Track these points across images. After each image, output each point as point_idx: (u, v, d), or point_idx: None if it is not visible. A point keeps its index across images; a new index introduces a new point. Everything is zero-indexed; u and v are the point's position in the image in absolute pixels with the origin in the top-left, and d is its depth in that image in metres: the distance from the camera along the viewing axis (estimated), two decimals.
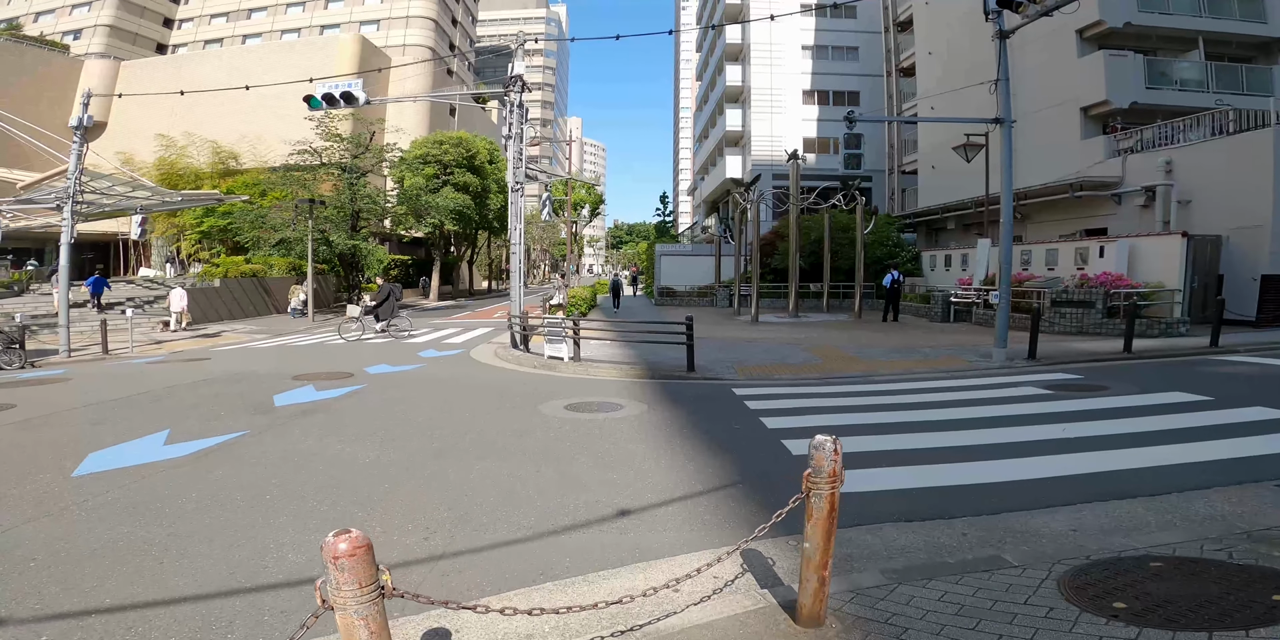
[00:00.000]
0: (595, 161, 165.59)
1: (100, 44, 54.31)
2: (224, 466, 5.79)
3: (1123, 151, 20.20)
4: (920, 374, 10.50)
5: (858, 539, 4.02)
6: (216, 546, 4.11)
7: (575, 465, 5.72)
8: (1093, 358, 11.51)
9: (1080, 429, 6.61)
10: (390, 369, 11.81)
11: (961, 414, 7.48)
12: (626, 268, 75.99)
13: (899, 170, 36.58)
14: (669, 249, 34.42)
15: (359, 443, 6.54)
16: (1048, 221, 23.23)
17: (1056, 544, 3.87)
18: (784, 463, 5.68)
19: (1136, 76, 20.80)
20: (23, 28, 51.60)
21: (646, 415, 7.70)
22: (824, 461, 2.70)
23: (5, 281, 26.31)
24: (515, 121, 13.70)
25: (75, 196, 14.44)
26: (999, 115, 11.38)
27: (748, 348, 13.88)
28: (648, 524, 4.41)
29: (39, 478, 5.52)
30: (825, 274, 24.62)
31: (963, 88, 20.28)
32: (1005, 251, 11.63)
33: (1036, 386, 9.11)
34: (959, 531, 4.15)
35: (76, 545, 4.13)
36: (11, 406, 8.72)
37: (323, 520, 4.51)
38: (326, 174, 28.07)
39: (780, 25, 37.63)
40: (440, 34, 60.38)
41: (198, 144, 36.15)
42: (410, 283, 42.05)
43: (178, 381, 10.61)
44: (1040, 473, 5.29)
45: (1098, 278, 15.15)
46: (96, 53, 52.38)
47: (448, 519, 4.52)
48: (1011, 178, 11.50)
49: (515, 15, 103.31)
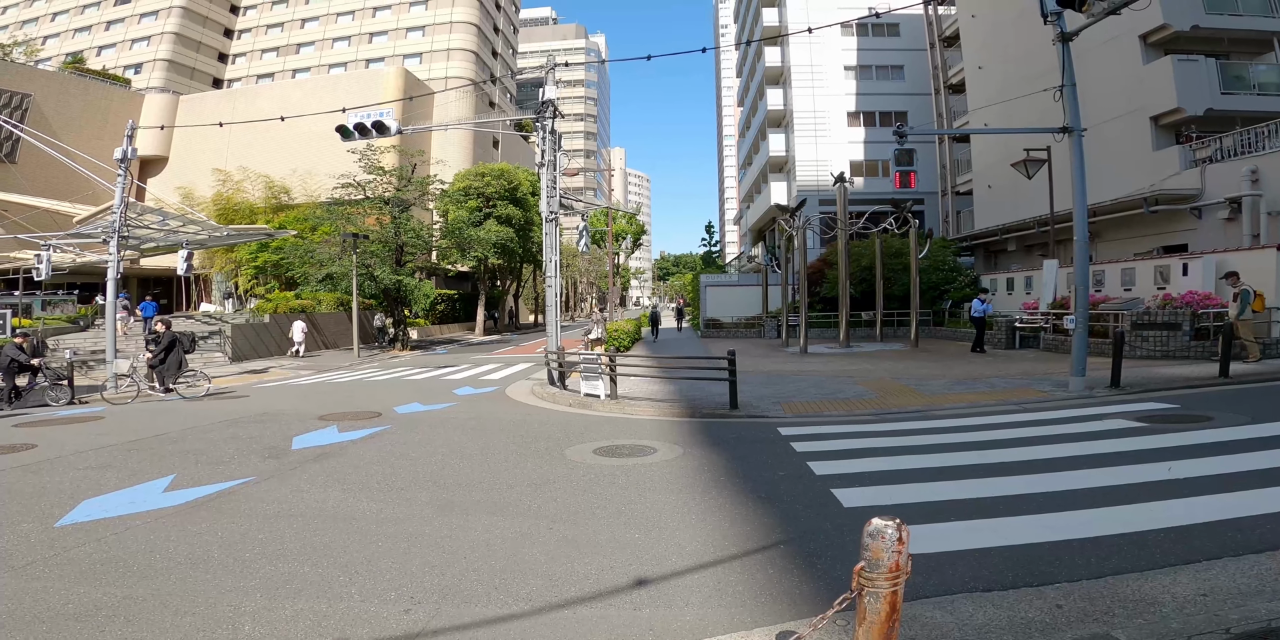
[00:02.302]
0: (639, 192, 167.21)
1: (160, 78, 57.40)
2: (213, 519, 5.30)
3: (1200, 161, 18.80)
4: (988, 408, 9.49)
5: (924, 616, 3.24)
6: (168, 613, 3.59)
7: (593, 522, 5.03)
8: (1185, 384, 10.33)
9: (1188, 467, 5.65)
10: (420, 408, 11.38)
11: (1041, 453, 6.53)
12: (673, 300, 75.59)
13: (953, 191, 35.33)
14: (714, 280, 33.81)
15: (363, 493, 5.99)
16: (1119, 240, 21.78)
17: (1184, 615, 3.06)
18: (833, 518, 4.89)
19: (1210, 82, 19.53)
20: (86, 62, 54.08)
21: (680, 461, 6.97)
22: (883, 553, 1.99)
23: (72, 316, 27.22)
24: (548, 149, 13.38)
25: (120, 230, 14.60)
26: (1067, 124, 10.47)
27: (795, 381, 13.02)
28: (667, 597, 3.69)
29: (19, 527, 5.14)
30: (878, 301, 23.53)
31: (1022, 96, 19.28)
32: (1081, 270, 10.60)
33: (1126, 418, 8.04)
34: (1052, 602, 3.35)
35: (23, 607, 3.70)
36: (32, 446, 8.54)
37: (300, 585, 3.95)
38: (371, 207, 28.42)
39: (821, 46, 37.16)
40: (480, 65, 62.44)
41: (252, 179, 37.45)
42: (457, 317, 42.35)
43: (204, 422, 10.36)
44: (1147, 523, 4.38)
45: (1183, 297, 13.87)
46: (157, 87, 55.28)
47: (437, 587, 3.88)
48: (1085, 191, 10.53)
49: (555, 47, 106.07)
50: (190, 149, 46.46)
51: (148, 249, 22.85)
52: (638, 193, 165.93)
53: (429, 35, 60.97)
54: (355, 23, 62.76)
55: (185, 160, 46.61)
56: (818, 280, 26.92)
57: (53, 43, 60.42)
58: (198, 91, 56.62)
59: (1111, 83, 21.11)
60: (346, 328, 27.34)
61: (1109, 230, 22.00)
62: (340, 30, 62.84)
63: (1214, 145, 18.67)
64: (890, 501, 5.18)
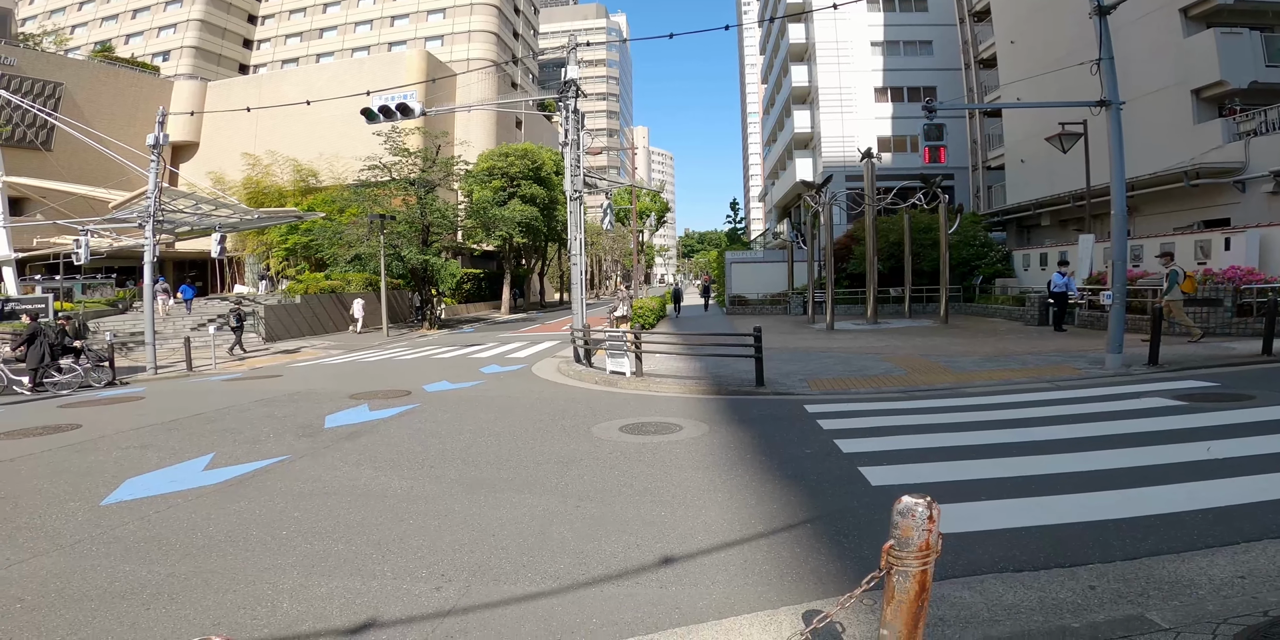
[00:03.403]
0: (663, 170, 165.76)
1: (188, 65, 57.95)
2: (250, 497, 5.44)
3: (1244, 134, 18.06)
4: (1021, 385, 9.31)
5: (952, 596, 3.22)
6: (210, 591, 3.71)
7: (620, 500, 5.06)
8: (1226, 362, 10.03)
9: (1229, 447, 5.50)
10: (449, 386, 11.52)
11: (1076, 432, 6.40)
12: (699, 277, 75.14)
13: (983, 166, 34.43)
14: (739, 256, 33.50)
15: (394, 471, 6.10)
16: (1158, 214, 21.10)
17: (1220, 597, 3.01)
18: (861, 496, 4.86)
19: (1254, 54, 18.78)
20: (115, 50, 54.69)
21: (707, 438, 6.97)
22: (912, 531, 1.96)
23: (111, 299, 27.94)
24: (571, 128, 13.28)
25: (155, 215, 14.87)
26: (1104, 97, 10.09)
27: (822, 358, 12.91)
28: (694, 576, 3.70)
29: (66, 506, 5.33)
30: (906, 277, 23.13)
31: (1056, 70, 18.64)
32: (1119, 245, 10.29)
33: (1165, 397, 7.85)
34: (1085, 583, 3.30)
35: (71, 585, 3.84)
36: (77, 426, 8.83)
37: (335, 563, 4.04)
38: (397, 189, 28.61)
39: (846, 22, 36.21)
40: (502, 47, 62.16)
41: (280, 163, 37.86)
42: (483, 296, 42.63)
43: (240, 401, 10.60)
44: (1184, 504, 4.29)
45: (1225, 272, 13.43)
46: (185, 74, 55.90)
47: (467, 564, 3.95)
48: (1123, 165, 10.18)
49: (576, 27, 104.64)
50: (220, 134, 46.99)
51: (182, 233, 23.28)
52: (661, 171, 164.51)
53: (450, 17, 60.77)
54: (376, 6, 62.64)
55: (215, 145, 47.19)
56: (844, 256, 26.53)
57: (80, 32, 61.04)
58: (225, 78, 57.07)
59: (1150, 56, 20.35)
60: (376, 307, 27.69)
61: (1147, 204, 21.32)
62: (362, 14, 62.78)
63: (1259, 118, 17.91)
64: (919, 480, 5.12)
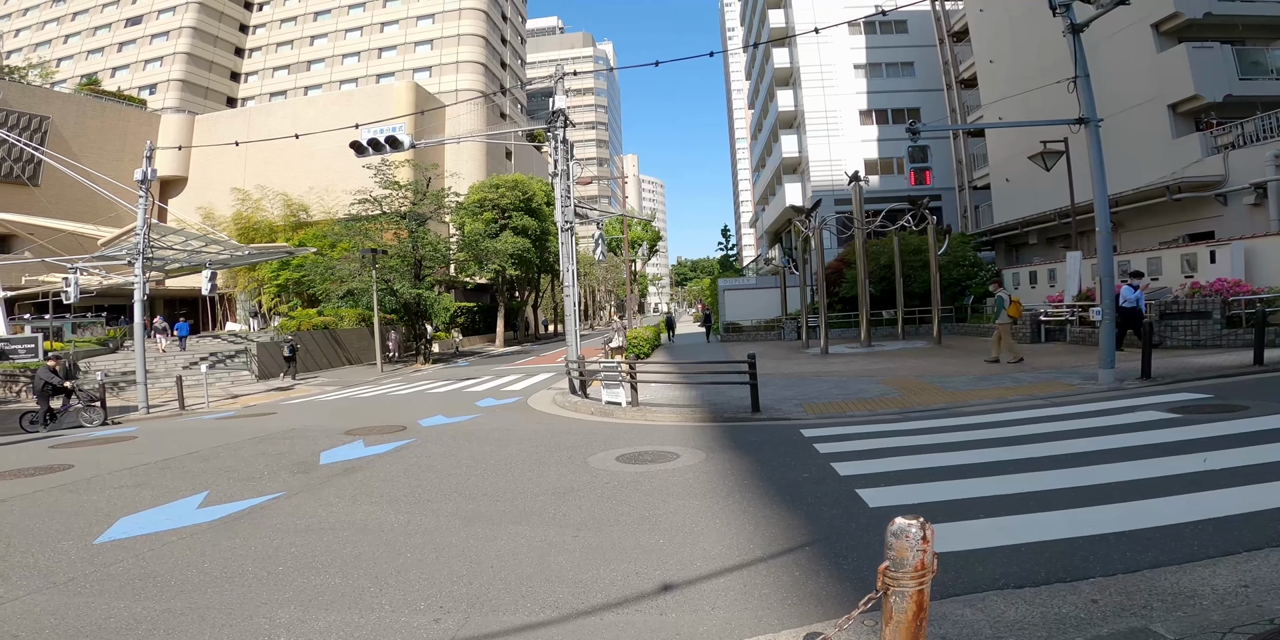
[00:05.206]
0: (653, 198, 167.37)
1: (175, 98, 58.02)
2: (246, 533, 5.39)
3: (1223, 148, 18.46)
4: (1015, 402, 9.36)
5: (954, 614, 3.20)
6: (207, 626, 3.67)
7: (618, 529, 5.03)
8: (1219, 373, 10.10)
9: (1225, 458, 5.52)
10: (445, 421, 11.46)
11: (1071, 447, 6.41)
12: (692, 305, 75.31)
13: (969, 186, 34.96)
14: (732, 283, 33.71)
15: (391, 506, 6.05)
16: (1143, 229, 21.42)
17: (1224, 606, 3.00)
18: (859, 518, 4.85)
19: (1227, 68, 19.24)
20: (101, 83, 54.59)
21: (703, 465, 6.95)
22: (907, 552, 1.98)
23: (101, 338, 27.80)
24: (560, 158, 13.46)
25: (144, 252, 14.89)
26: (1082, 115, 10.34)
27: (817, 383, 12.94)
28: (694, 602, 3.68)
29: (59, 545, 5.28)
30: (898, 299, 23.31)
31: (1036, 88, 19.09)
32: (1105, 261, 10.43)
33: (1159, 410, 7.89)
34: (1087, 597, 3.29)
35: (66, 621, 3.80)
36: (69, 466, 8.73)
37: (333, 596, 4.00)
38: (388, 222, 28.72)
39: (829, 45, 37.00)
40: (490, 77, 62.72)
41: (270, 197, 37.97)
42: (477, 329, 42.61)
43: (234, 439, 10.52)
44: (1183, 515, 4.30)
45: (1212, 285, 13.60)
46: (172, 107, 55.90)
47: (465, 596, 3.91)
48: (1105, 181, 10.38)
49: (563, 56, 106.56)
50: (208, 168, 46.93)
51: (172, 269, 23.27)
52: (652, 199, 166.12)
53: (437, 49, 61.33)
54: (364, 39, 63.22)
55: (204, 180, 47.17)
56: (836, 280, 26.74)
57: (67, 65, 61.10)
58: (212, 110, 57.18)
59: (1126, 72, 20.84)
60: (369, 343, 27.62)
61: (1132, 219, 21.65)
62: (349, 46, 63.34)
63: (1235, 131, 18.34)
64: (917, 500, 5.12)
